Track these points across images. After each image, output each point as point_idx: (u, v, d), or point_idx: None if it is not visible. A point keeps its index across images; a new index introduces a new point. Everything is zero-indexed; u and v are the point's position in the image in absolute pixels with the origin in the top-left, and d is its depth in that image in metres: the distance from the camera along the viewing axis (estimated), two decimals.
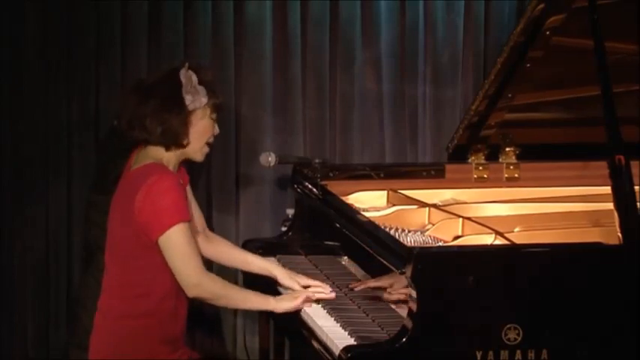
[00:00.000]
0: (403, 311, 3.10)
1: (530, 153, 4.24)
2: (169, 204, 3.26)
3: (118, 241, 3.37)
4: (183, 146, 3.36)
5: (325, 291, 3.43)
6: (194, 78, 3.34)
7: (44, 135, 4.71)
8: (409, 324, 3.00)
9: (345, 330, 3.18)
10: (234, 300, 3.41)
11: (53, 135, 4.72)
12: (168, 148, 3.36)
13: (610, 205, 3.23)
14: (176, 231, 3.26)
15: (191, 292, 3.31)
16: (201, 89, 3.34)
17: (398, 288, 3.19)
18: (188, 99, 3.32)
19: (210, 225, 4.78)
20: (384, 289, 3.32)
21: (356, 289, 3.46)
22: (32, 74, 4.68)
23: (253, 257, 3.69)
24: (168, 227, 3.25)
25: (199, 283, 3.29)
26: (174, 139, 3.33)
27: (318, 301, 3.41)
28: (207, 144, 3.41)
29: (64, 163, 4.73)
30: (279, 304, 3.37)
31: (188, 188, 3.57)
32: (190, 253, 3.28)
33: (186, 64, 3.36)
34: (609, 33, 3.41)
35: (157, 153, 3.37)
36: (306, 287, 3.50)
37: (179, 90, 3.33)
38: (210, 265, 4.59)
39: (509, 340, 3.02)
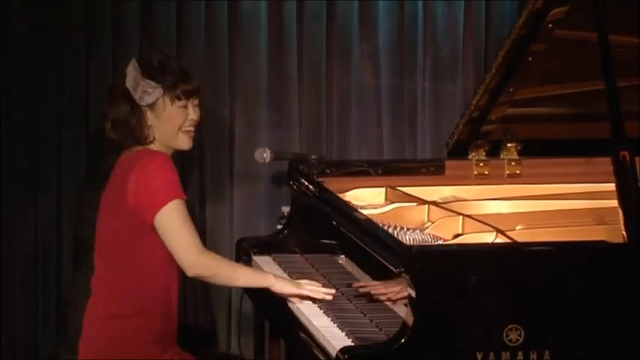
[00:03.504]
0: (402, 311, 3.08)
1: (532, 149, 4.21)
2: (163, 182, 3.24)
3: (107, 235, 3.34)
4: (149, 141, 3.33)
5: (321, 291, 3.36)
6: (135, 73, 3.29)
7: (33, 131, 4.70)
8: (408, 324, 2.96)
9: (343, 330, 3.15)
10: (234, 277, 3.36)
11: (43, 131, 4.70)
12: (139, 145, 3.32)
13: (614, 203, 3.21)
14: (171, 208, 3.23)
15: (190, 272, 3.28)
16: (146, 83, 3.29)
17: (401, 292, 3.15)
18: (136, 95, 3.29)
19: (204, 223, 4.76)
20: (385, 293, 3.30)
21: (360, 290, 3.43)
22: (21, 70, 4.66)
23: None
24: (162, 205, 3.22)
25: (197, 262, 3.26)
26: (134, 135, 3.31)
27: (314, 300, 3.37)
28: (186, 131, 3.36)
29: (53, 159, 4.72)
30: (279, 284, 3.33)
31: None
32: (187, 231, 3.25)
33: (134, 59, 3.33)
34: (613, 26, 3.38)
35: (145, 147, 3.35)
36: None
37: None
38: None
39: (510, 340, 2.99)
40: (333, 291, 3.33)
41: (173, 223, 3.23)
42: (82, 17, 4.67)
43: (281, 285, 3.32)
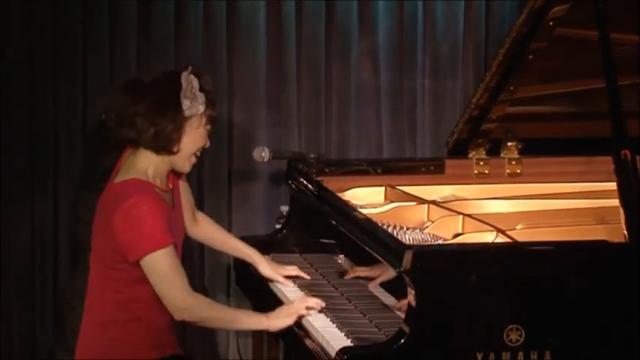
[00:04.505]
0: (401, 312, 3.06)
1: (532, 148, 4.21)
2: (148, 230, 3.16)
3: (101, 249, 3.29)
4: (173, 153, 3.26)
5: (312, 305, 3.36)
6: (195, 83, 3.24)
7: (31, 130, 4.66)
8: (408, 325, 2.95)
9: (342, 331, 3.14)
10: (224, 322, 3.35)
11: (40, 130, 4.67)
12: (157, 152, 3.26)
13: (615, 202, 3.21)
14: (157, 257, 3.17)
15: (178, 316, 3.25)
16: (201, 96, 3.24)
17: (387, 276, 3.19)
18: (186, 104, 3.23)
19: None
20: (373, 277, 3.35)
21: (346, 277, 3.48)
22: (18, 71, 4.63)
23: (236, 242, 3.69)
24: (148, 253, 3.17)
25: (186, 308, 3.22)
26: (165, 143, 3.24)
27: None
28: (196, 156, 3.33)
29: (50, 160, 4.69)
30: (273, 322, 3.28)
31: (181, 181, 3.51)
32: (174, 278, 3.19)
33: (190, 68, 3.27)
34: (614, 24, 3.39)
35: (146, 159, 3.27)
36: (287, 277, 3.53)
37: (177, 93, 3.23)
38: (202, 271, 4.56)
39: (511, 341, 2.98)
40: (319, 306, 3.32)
41: (159, 271, 3.18)
42: (79, 17, 4.64)
43: (275, 322, 3.27)
